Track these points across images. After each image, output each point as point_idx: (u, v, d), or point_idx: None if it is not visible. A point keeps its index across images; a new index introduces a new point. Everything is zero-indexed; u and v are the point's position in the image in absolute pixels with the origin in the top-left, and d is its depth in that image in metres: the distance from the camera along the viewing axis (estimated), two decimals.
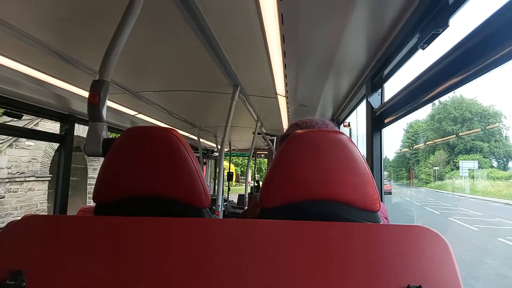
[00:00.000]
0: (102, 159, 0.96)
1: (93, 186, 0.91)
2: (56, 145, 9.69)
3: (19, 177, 8.58)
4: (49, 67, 2.26)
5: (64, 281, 0.72)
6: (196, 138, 6.05)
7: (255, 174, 11.02)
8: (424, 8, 1.39)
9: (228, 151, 8.83)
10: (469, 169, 21.86)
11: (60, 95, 2.72)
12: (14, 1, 1.48)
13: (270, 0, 1.48)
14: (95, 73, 1.11)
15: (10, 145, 8.37)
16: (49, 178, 9.41)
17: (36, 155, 9.10)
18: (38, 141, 8.89)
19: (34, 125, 8.38)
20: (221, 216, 3.33)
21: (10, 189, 8.36)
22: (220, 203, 3.08)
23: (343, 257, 0.72)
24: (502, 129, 24.86)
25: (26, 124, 7.96)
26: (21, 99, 2.64)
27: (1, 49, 1.93)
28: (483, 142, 24.51)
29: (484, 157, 23.70)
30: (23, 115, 2.77)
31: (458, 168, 23.20)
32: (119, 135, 0.93)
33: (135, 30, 1.19)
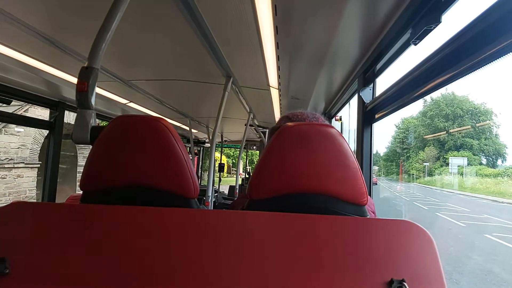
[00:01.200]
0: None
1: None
2: (46, 132, 9.65)
3: (8, 163, 8.53)
4: (39, 53, 2.22)
5: (48, 268, 0.72)
6: (188, 128, 6.03)
7: (246, 166, 11.03)
8: (417, 4, 1.39)
9: (220, 142, 8.82)
10: (458, 166, 22.10)
11: (50, 82, 2.69)
12: None
13: None
14: (86, 60, 1.09)
15: None
16: (38, 165, 9.35)
17: (26, 141, 9.04)
18: (28, 127, 8.80)
19: (23, 111, 8.29)
20: (211, 207, 3.34)
21: None
22: (210, 194, 3.08)
23: (330, 249, 0.73)
24: (492, 127, 25.14)
25: (15, 110, 7.87)
26: (10, 84, 2.61)
27: None
28: (473, 139, 24.77)
29: (473, 154, 23.97)
30: (12, 101, 2.73)
31: (448, 164, 23.44)
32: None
33: (127, 17, 1.18)
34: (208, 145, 8.92)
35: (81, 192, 0.94)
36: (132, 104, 4.05)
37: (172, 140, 0.88)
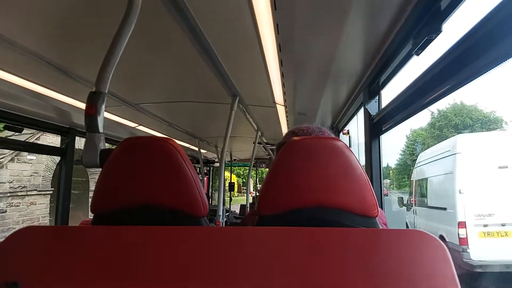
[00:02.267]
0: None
1: None
2: (57, 159, 9.73)
3: (21, 191, 8.55)
4: (49, 81, 2.27)
5: None
6: (197, 149, 6.05)
7: (257, 184, 10.95)
8: (417, 14, 1.41)
9: (229, 161, 8.82)
10: None
11: (60, 109, 2.73)
12: (13, 16, 1.51)
13: (265, 10, 1.50)
14: (94, 85, 1.12)
15: (12, 159, 8.35)
16: (51, 192, 9.35)
17: (38, 169, 9.07)
18: (40, 155, 8.88)
19: (35, 139, 8.39)
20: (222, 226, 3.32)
21: (12, 203, 8.31)
22: (221, 213, 3.07)
23: (342, 263, 0.72)
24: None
25: (27, 138, 7.97)
26: (22, 113, 2.66)
27: (1, 64, 1.94)
28: None
29: None
30: (23, 129, 2.78)
31: None
32: None
33: (133, 42, 1.20)
34: (217, 164, 8.92)
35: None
36: (141, 127, 4.09)
37: (180, 159, 0.89)
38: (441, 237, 6.25)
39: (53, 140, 8.46)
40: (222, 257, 0.74)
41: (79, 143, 3.52)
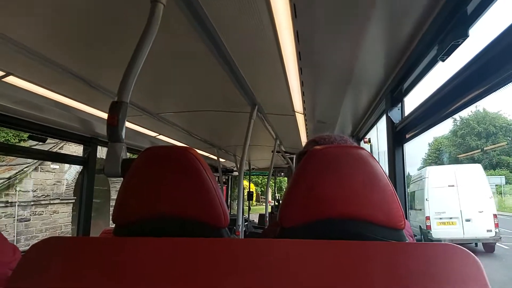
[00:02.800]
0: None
1: None
2: (79, 168, 9.93)
3: (44, 200, 8.79)
4: (72, 91, 2.33)
5: None
6: (215, 158, 6.08)
7: (275, 193, 10.93)
8: (442, 19, 1.37)
9: (247, 170, 8.82)
10: (496, 185, 21.04)
11: (82, 118, 2.79)
12: (38, 28, 1.55)
13: (285, 18, 1.49)
14: (116, 96, 1.13)
15: (36, 169, 8.60)
16: (73, 201, 9.58)
17: (61, 177, 9.33)
18: (62, 164, 9.10)
19: (59, 149, 8.60)
20: (242, 236, 3.30)
21: (36, 211, 8.53)
22: (240, 223, 3.05)
23: (367, 277, 0.69)
24: None
25: (51, 148, 8.18)
26: (45, 123, 2.72)
27: (26, 75, 2.00)
28: (510, 156, 23.72)
29: (511, 172, 22.87)
30: (47, 139, 2.84)
31: None
32: None
33: (153, 52, 1.21)
34: (236, 173, 8.93)
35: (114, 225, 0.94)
36: (161, 137, 4.14)
37: (202, 169, 0.88)
38: (419, 227, 11.14)
39: (76, 149, 8.67)
40: (244, 269, 0.72)
41: (101, 152, 3.58)
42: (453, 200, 10.30)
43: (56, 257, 0.79)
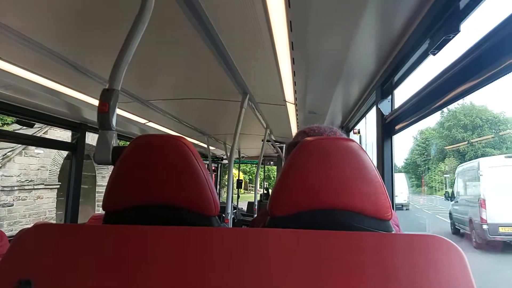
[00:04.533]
0: (111, 167, 0.96)
1: (102, 194, 0.90)
2: (65, 153, 9.67)
3: (28, 185, 8.59)
4: (62, 77, 2.29)
5: None
6: (205, 146, 6.07)
7: (263, 182, 10.96)
8: (434, 13, 1.38)
9: (237, 158, 8.83)
10: None
11: (72, 104, 2.76)
12: (27, 12, 1.51)
13: (279, 8, 1.49)
14: (106, 82, 1.11)
15: (20, 153, 8.39)
16: (58, 186, 9.40)
17: (45, 163, 9.12)
18: (47, 149, 8.93)
19: (43, 133, 8.42)
20: (230, 224, 3.32)
21: (19, 197, 8.36)
22: (229, 211, 3.07)
23: (354, 267, 0.70)
24: None
25: (35, 132, 8.02)
26: (33, 108, 2.68)
27: (14, 59, 1.96)
28: (494, 149, 24.02)
29: None
30: (35, 124, 2.81)
31: None
32: (128, 143, 0.93)
33: (145, 39, 1.20)
34: (226, 161, 8.94)
35: (102, 212, 0.94)
36: (151, 124, 4.11)
37: (192, 158, 0.88)
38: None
39: (61, 134, 8.49)
40: (233, 258, 0.73)
41: (87, 138, 3.55)
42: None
43: (46, 243, 0.80)
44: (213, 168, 8.88)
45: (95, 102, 1.09)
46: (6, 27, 1.58)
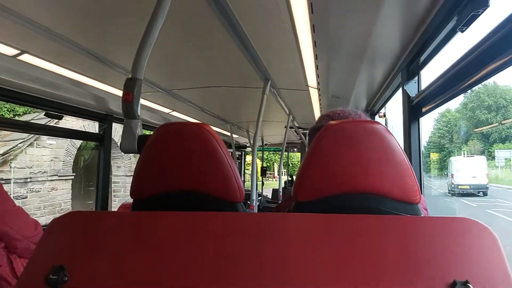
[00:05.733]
0: (124, 157, 0.98)
1: (117, 184, 0.92)
2: (78, 143, 9.61)
3: (41, 176, 8.54)
4: (86, 68, 2.34)
5: (104, 275, 0.74)
6: (229, 134, 6.10)
7: (280, 168, 10.98)
8: None
9: (260, 146, 8.84)
10: (505, 159, 20.63)
11: (97, 96, 2.82)
12: (50, 5, 1.55)
13: None
14: (129, 73, 1.13)
15: (31, 144, 8.32)
16: (72, 177, 9.39)
17: (58, 153, 9.06)
18: (60, 139, 8.82)
19: (55, 123, 8.20)
20: (255, 211, 3.35)
21: (33, 189, 8.29)
22: (254, 198, 3.09)
23: (381, 251, 0.70)
24: None
25: (46, 122, 7.86)
26: (61, 100, 2.75)
27: (40, 53, 2.02)
28: None
29: None
30: (63, 116, 2.88)
31: (493, 158, 21.95)
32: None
33: (165, 28, 1.20)
34: (249, 149, 8.97)
35: (128, 200, 0.97)
36: (174, 113, 4.16)
37: (216, 145, 0.89)
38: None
39: (73, 124, 8.25)
40: (259, 242, 0.74)
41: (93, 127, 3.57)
42: None
43: (77, 231, 0.83)
44: (237, 156, 8.92)
45: (120, 93, 1.11)
46: (32, 21, 1.62)
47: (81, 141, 9.72)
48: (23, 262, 1.77)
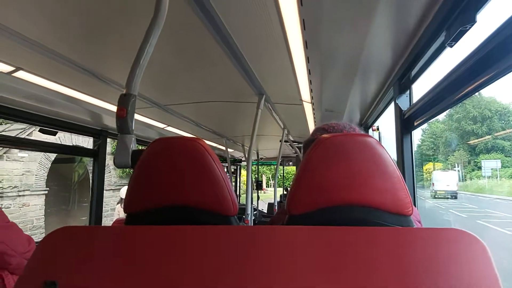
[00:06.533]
0: (111, 171, 0.98)
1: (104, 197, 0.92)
2: (52, 157, 9.02)
3: (11, 191, 8.00)
4: (80, 85, 2.35)
5: None
6: (224, 148, 6.10)
7: (270, 180, 10.93)
8: (450, 4, 1.35)
9: (256, 160, 8.83)
10: (492, 169, 20.74)
11: (92, 111, 2.82)
12: (44, 22, 1.56)
13: (291, 7, 1.48)
14: (124, 88, 1.14)
15: (0, 157, 7.85)
16: (46, 192, 8.83)
17: (31, 167, 8.53)
18: (32, 152, 8.29)
19: (27, 135, 7.80)
20: (251, 225, 3.33)
21: (1, 205, 7.69)
22: (249, 212, 3.07)
23: (374, 262, 0.70)
24: None
25: (17, 134, 7.45)
26: (56, 116, 2.75)
27: (35, 69, 2.02)
28: (504, 140, 23.30)
29: (506, 156, 22.43)
30: (57, 132, 2.88)
31: (479, 168, 22.03)
32: None
33: (160, 44, 1.21)
34: (244, 163, 8.96)
35: (122, 216, 0.96)
36: (169, 128, 4.16)
37: (210, 159, 0.89)
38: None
39: (47, 137, 7.78)
40: (252, 256, 0.74)
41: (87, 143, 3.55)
42: None
43: (70, 246, 0.82)
44: (232, 170, 8.90)
45: (114, 109, 1.12)
46: (27, 38, 1.63)
47: (56, 154, 9.11)
48: (14, 279, 1.75)
